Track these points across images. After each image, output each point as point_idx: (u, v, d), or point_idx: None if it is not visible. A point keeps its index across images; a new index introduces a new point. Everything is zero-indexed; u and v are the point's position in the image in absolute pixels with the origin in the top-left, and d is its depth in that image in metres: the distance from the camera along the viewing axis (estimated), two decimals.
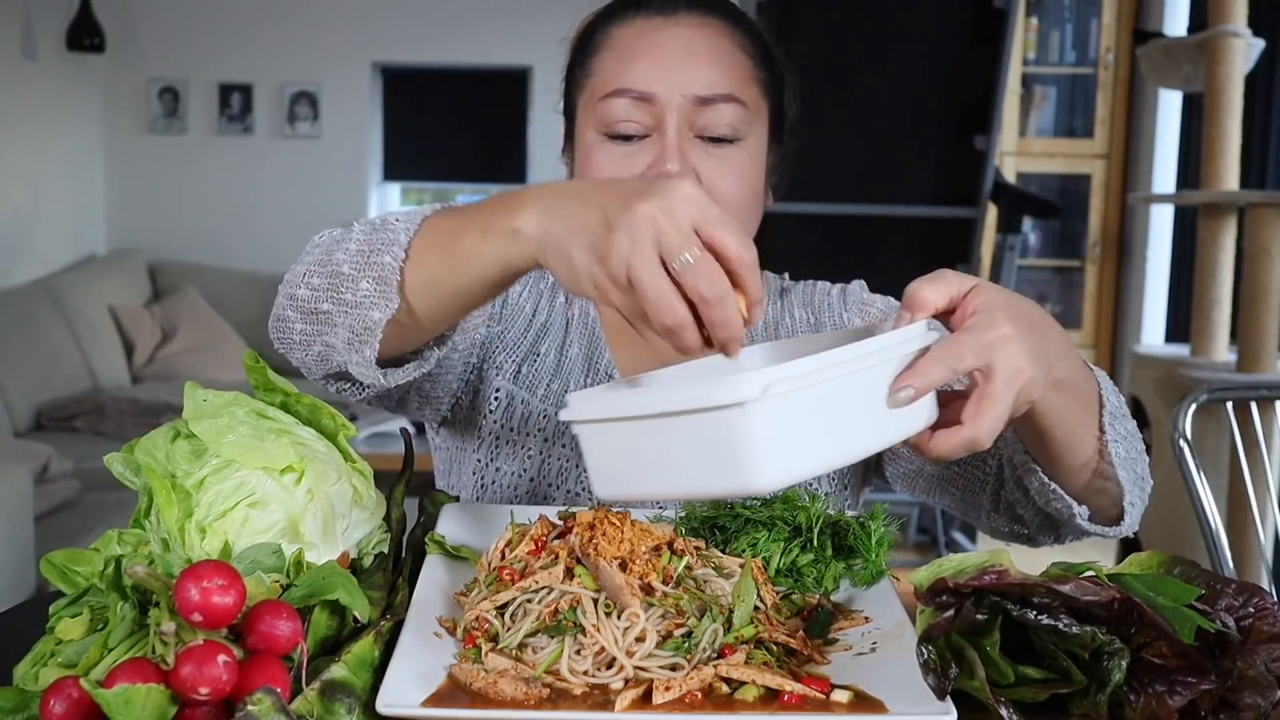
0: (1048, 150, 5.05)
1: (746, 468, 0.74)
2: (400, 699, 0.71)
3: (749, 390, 0.72)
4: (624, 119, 1.15)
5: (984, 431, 0.82)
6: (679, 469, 0.77)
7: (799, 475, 0.76)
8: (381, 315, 0.92)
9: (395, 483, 0.98)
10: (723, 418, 0.73)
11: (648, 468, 0.79)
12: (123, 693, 0.63)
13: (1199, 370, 3.42)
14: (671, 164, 1.13)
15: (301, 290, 0.98)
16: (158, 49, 5.66)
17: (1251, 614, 0.76)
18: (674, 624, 0.78)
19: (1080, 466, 1.00)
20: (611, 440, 0.81)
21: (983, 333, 0.82)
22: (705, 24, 1.18)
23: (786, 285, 1.36)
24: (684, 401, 0.75)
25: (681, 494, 0.80)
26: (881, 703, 0.73)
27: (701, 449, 0.75)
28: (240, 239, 5.70)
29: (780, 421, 0.73)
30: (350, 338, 0.95)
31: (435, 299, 0.93)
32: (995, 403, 0.82)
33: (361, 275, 0.93)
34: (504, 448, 1.24)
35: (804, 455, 0.76)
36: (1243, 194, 3.41)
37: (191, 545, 0.82)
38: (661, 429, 0.77)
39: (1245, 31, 3.46)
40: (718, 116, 1.15)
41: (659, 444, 0.78)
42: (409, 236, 0.93)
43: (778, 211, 1.22)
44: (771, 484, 0.75)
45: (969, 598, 0.74)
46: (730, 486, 0.76)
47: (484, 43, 5.62)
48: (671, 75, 1.15)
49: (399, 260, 0.92)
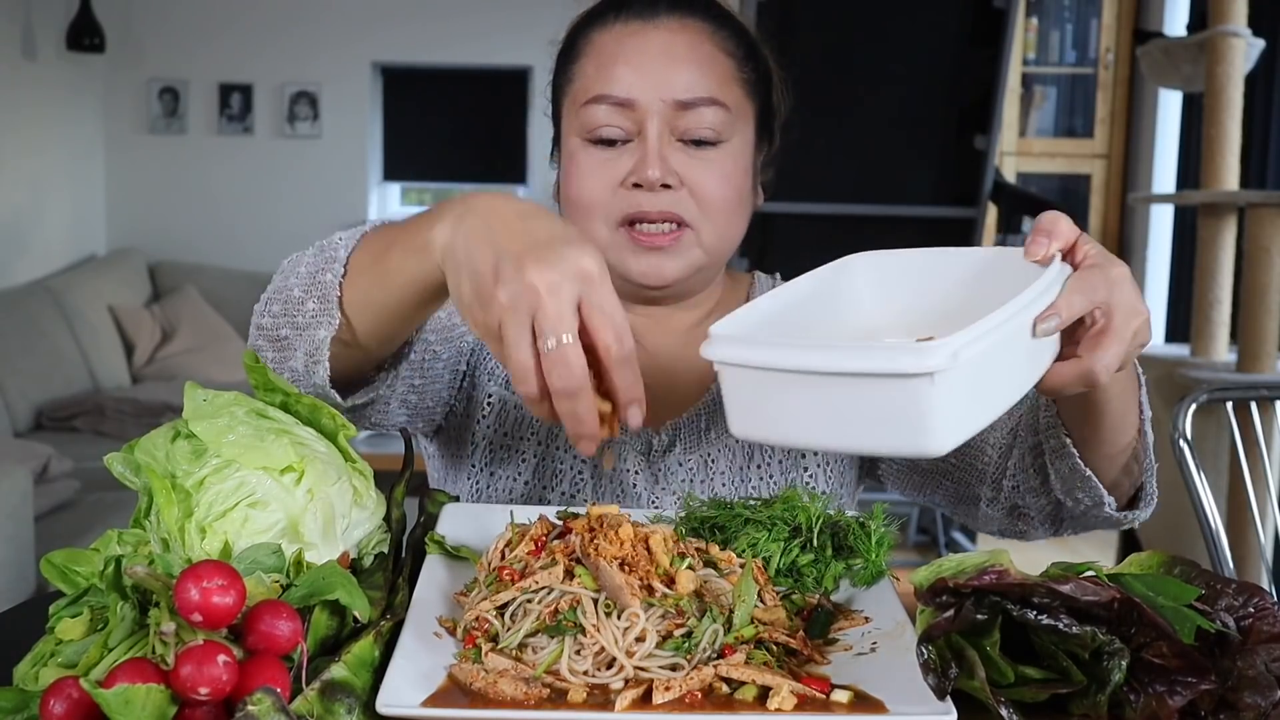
0: (1048, 150, 5.05)
1: (925, 432, 0.74)
2: (400, 699, 0.71)
3: (940, 359, 0.72)
4: (605, 124, 1.15)
5: (1101, 365, 0.83)
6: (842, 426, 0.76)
7: (970, 433, 0.77)
8: (326, 333, 0.93)
9: (395, 483, 0.98)
10: (908, 385, 0.73)
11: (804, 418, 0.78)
12: (123, 693, 0.63)
13: (1199, 370, 3.42)
14: (653, 169, 1.13)
15: (265, 319, 0.99)
16: (158, 49, 5.66)
17: (1251, 614, 0.76)
18: (674, 624, 0.78)
19: (1122, 449, 1.01)
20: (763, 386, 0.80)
21: (1107, 269, 0.84)
22: (685, 26, 1.18)
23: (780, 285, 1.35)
24: (865, 364, 0.74)
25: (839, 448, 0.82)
26: (881, 703, 0.73)
27: (875, 411, 0.75)
28: (240, 239, 5.70)
29: (963, 385, 0.74)
30: (306, 360, 0.95)
31: (369, 315, 0.93)
32: (1115, 338, 0.83)
33: (309, 296, 0.94)
34: (499, 453, 1.24)
35: (976, 413, 0.77)
36: (1243, 194, 3.41)
37: (191, 545, 0.82)
38: (830, 386, 0.76)
39: (1245, 31, 3.47)
40: (699, 119, 1.15)
41: (823, 399, 0.77)
42: (348, 253, 0.94)
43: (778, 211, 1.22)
44: (947, 445, 0.75)
45: (969, 598, 0.74)
46: (903, 448, 0.76)
47: (484, 43, 5.62)
48: (651, 80, 1.14)
49: (338, 277, 0.93)
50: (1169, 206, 4.79)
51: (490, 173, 5.97)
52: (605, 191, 1.16)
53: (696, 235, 1.17)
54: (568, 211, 1.20)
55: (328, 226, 5.67)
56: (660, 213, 1.15)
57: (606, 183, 1.16)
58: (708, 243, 1.18)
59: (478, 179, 6.04)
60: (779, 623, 0.82)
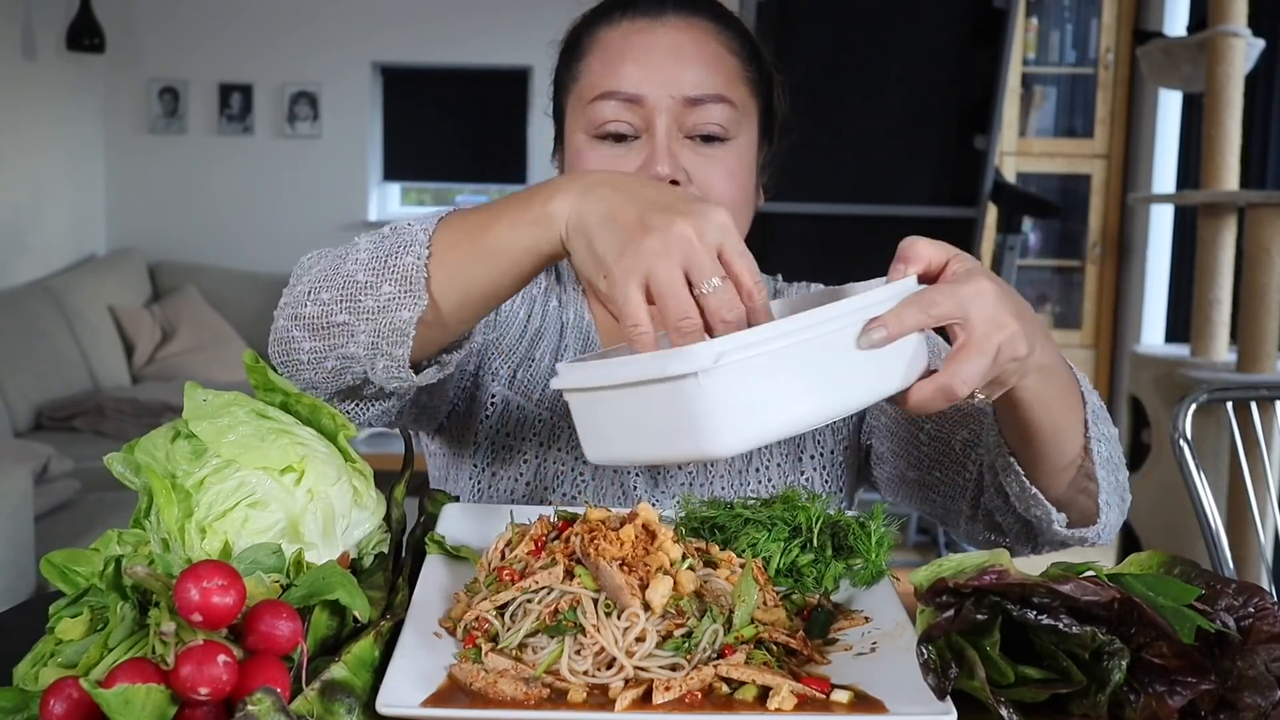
0: (1048, 150, 5.05)
1: (705, 435, 0.76)
2: (400, 699, 0.71)
3: (702, 360, 0.74)
4: (613, 120, 1.16)
5: (959, 380, 0.82)
6: (648, 435, 0.80)
7: (760, 439, 0.78)
8: (411, 314, 0.92)
9: (395, 483, 0.98)
10: (679, 387, 0.76)
11: (624, 433, 0.82)
12: (123, 693, 0.63)
13: (1199, 370, 3.43)
14: (662, 166, 1.14)
15: (308, 308, 0.97)
16: (158, 49, 5.66)
17: (1251, 614, 0.76)
18: (674, 624, 0.78)
19: (1065, 467, 1.00)
20: (593, 406, 0.85)
21: (960, 286, 0.84)
22: (692, 25, 1.18)
23: (780, 287, 1.36)
24: (643, 372, 0.78)
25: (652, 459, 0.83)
26: (881, 703, 0.73)
27: (663, 417, 0.78)
28: (240, 239, 5.70)
29: (737, 388, 0.76)
30: (375, 342, 0.94)
31: (462, 293, 0.93)
32: (974, 352, 0.82)
33: (382, 280, 0.93)
34: (500, 453, 1.24)
35: (765, 419, 0.78)
36: (1243, 194, 3.41)
37: (191, 545, 0.82)
38: (631, 397, 0.80)
39: (1245, 31, 3.47)
40: (706, 116, 1.16)
41: (630, 411, 0.81)
42: (428, 235, 0.93)
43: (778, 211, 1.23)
44: (729, 449, 0.77)
45: (969, 598, 0.74)
46: (691, 453, 0.78)
47: (484, 43, 5.62)
48: (659, 77, 1.15)
49: (423, 258, 0.92)
50: (1169, 206, 4.79)
51: (490, 173, 5.98)
52: None
53: None
54: None
55: (328, 226, 5.70)
56: None
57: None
58: None
59: (478, 179, 6.04)
60: (779, 623, 0.82)
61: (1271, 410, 2.51)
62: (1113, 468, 1.03)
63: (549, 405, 1.24)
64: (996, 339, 0.83)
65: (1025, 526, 1.10)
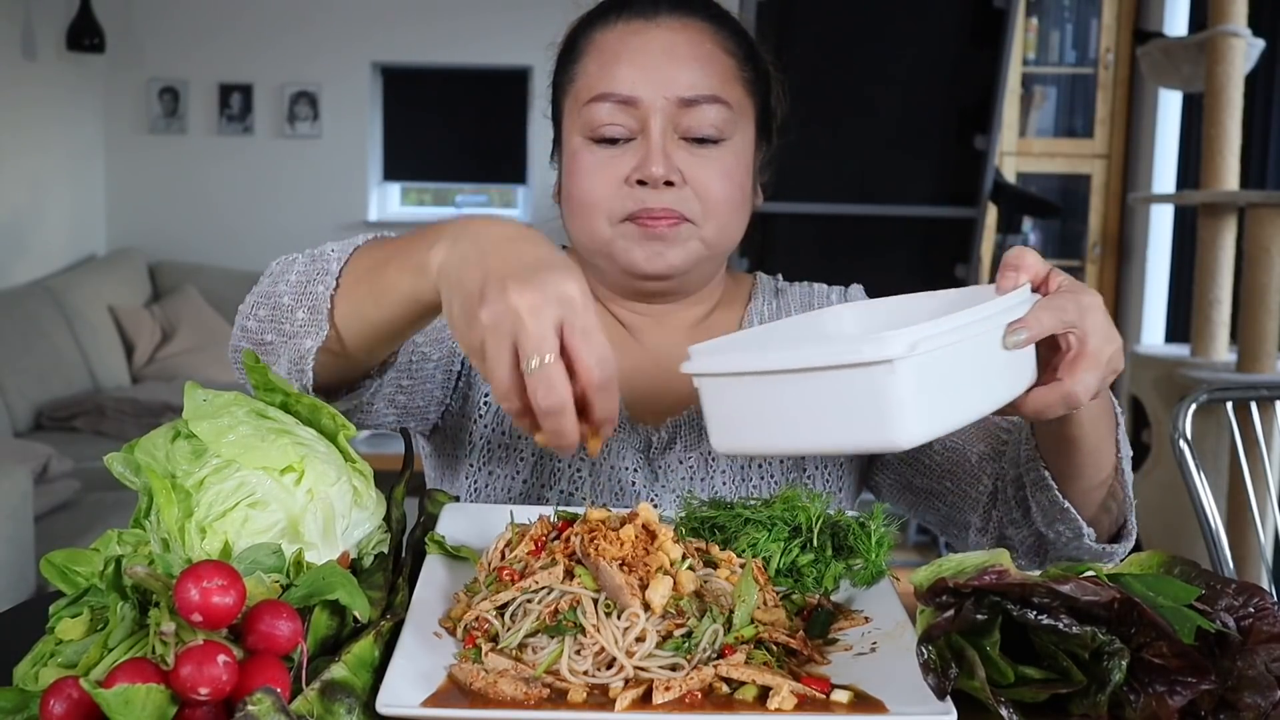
0: (1048, 150, 5.04)
1: (890, 423, 0.76)
2: (400, 699, 0.71)
3: (898, 347, 0.74)
4: (608, 123, 1.16)
5: (1081, 387, 0.85)
6: (814, 424, 0.79)
7: (938, 431, 0.79)
8: (313, 343, 0.95)
9: (395, 483, 0.98)
10: (869, 374, 0.75)
11: (778, 422, 0.81)
12: (123, 693, 0.63)
13: (1199, 370, 3.43)
14: (657, 166, 1.14)
15: (250, 322, 1.01)
16: (158, 49, 5.66)
17: (1251, 614, 0.76)
18: (674, 624, 0.78)
19: (1099, 483, 1.03)
20: (739, 394, 0.83)
21: (1079, 295, 0.86)
22: (687, 25, 1.18)
23: (781, 286, 1.35)
24: (828, 357, 0.77)
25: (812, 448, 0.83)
26: (881, 703, 0.73)
27: (842, 405, 0.77)
28: (240, 239, 5.70)
29: (924, 378, 0.76)
30: (290, 367, 0.97)
31: (360, 328, 0.95)
32: (1092, 361, 0.86)
33: (299, 305, 0.96)
34: (496, 452, 1.24)
35: (943, 411, 0.79)
36: (1243, 194, 3.41)
37: (191, 545, 0.82)
38: (799, 384, 0.79)
39: (1245, 31, 3.47)
40: (702, 117, 1.16)
41: (794, 399, 0.80)
42: (340, 266, 0.95)
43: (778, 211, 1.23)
44: (914, 438, 0.77)
45: (969, 598, 0.74)
46: (871, 442, 0.79)
47: (484, 43, 5.62)
48: (654, 78, 1.15)
49: (330, 289, 0.95)
50: (1169, 206, 4.79)
51: (490, 173, 5.98)
52: (609, 189, 1.17)
53: (697, 230, 1.18)
54: (571, 210, 1.20)
55: (328, 226, 5.69)
56: (664, 209, 1.16)
57: (610, 180, 1.16)
58: (709, 238, 1.19)
59: (478, 179, 6.04)
60: (779, 623, 0.82)
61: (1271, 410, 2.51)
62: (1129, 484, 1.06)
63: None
64: (1109, 350, 0.86)
65: (1038, 542, 1.10)
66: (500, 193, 6.14)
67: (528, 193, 5.97)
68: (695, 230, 1.18)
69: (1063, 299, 0.86)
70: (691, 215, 1.17)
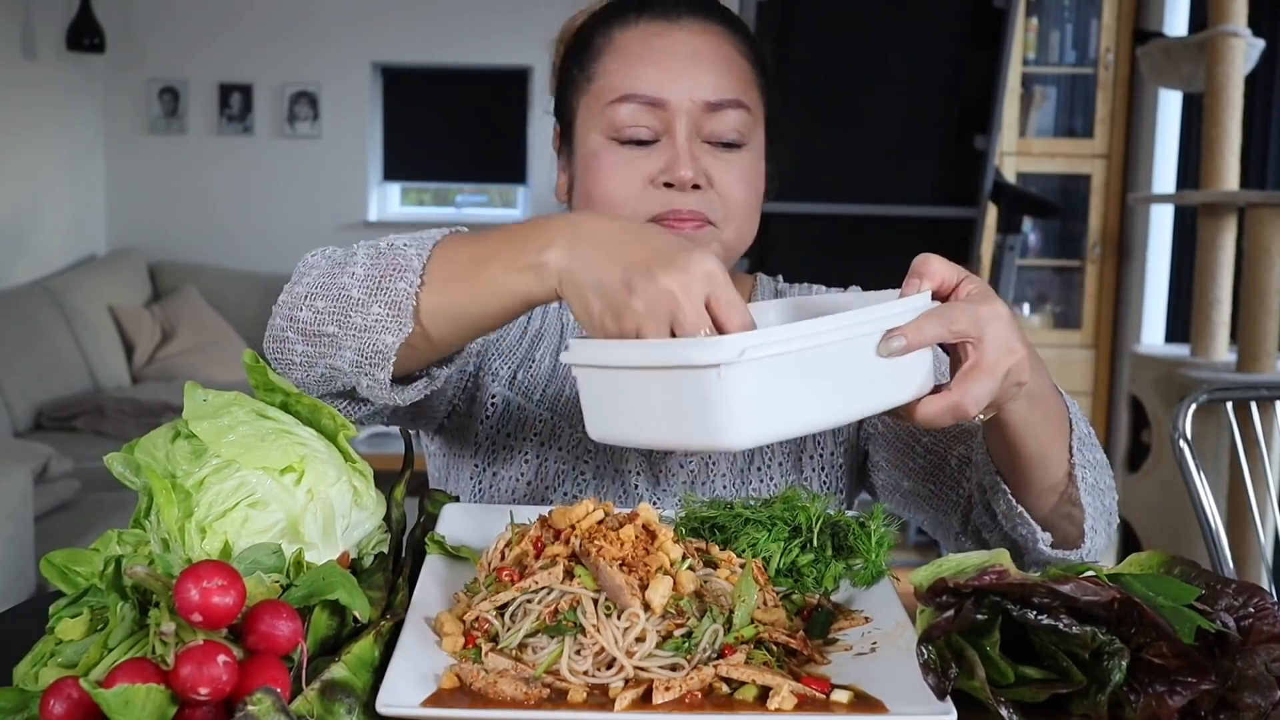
0: (1048, 150, 5.04)
1: (719, 426, 0.77)
2: (400, 699, 0.71)
3: (726, 353, 0.75)
4: (634, 124, 1.15)
5: (970, 399, 0.84)
6: (658, 419, 0.81)
7: (772, 436, 0.80)
8: (395, 339, 0.93)
9: (395, 483, 0.98)
10: (699, 377, 0.77)
11: (632, 414, 0.83)
12: (123, 693, 0.63)
13: (1199, 370, 3.43)
14: (686, 170, 1.13)
15: (304, 312, 0.98)
16: (158, 49, 5.66)
17: (1251, 614, 0.76)
18: (674, 624, 0.78)
19: (1049, 489, 1.01)
20: (602, 385, 0.86)
21: (979, 305, 0.85)
22: (707, 29, 1.18)
23: (781, 287, 1.35)
24: (665, 357, 0.79)
25: (658, 443, 0.84)
26: (881, 703, 0.73)
27: (679, 403, 0.79)
28: (240, 239, 5.70)
29: (757, 384, 0.77)
30: (359, 360, 0.95)
31: (452, 324, 0.95)
32: (985, 374, 0.85)
33: (373, 300, 0.94)
34: (500, 453, 1.24)
35: (780, 417, 0.79)
36: (1243, 194, 3.41)
37: (191, 545, 0.82)
38: (646, 380, 0.81)
39: (1245, 31, 3.47)
40: (725, 122, 1.16)
41: (643, 393, 0.82)
42: (422, 262, 0.94)
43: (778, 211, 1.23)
44: (741, 443, 0.78)
45: (969, 598, 0.74)
46: (702, 442, 0.80)
47: (484, 43, 5.62)
48: (680, 80, 1.15)
49: (414, 286, 0.93)
50: (1169, 206, 4.79)
51: (490, 173, 5.98)
52: (634, 190, 1.16)
53: (719, 233, 1.18)
54: (592, 209, 1.19)
55: (328, 226, 5.69)
56: (690, 212, 1.15)
57: (634, 181, 1.16)
58: (728, 240, 1.19)
59: (478, 179, 6.04)
60: (779, 623, 0.82)
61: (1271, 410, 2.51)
62: (1099, 493, 1.04)
63: (549, 405, 1.24)
64: (1007, 363, 0.85)
65: (1011, 545, 1.10)
66: (500, 193, 6.14)
67: (528, 193, 5.97)
68: (716, 233, 1.18)
69: (956, 309, 0.84)
70: (714, 218, 1.17)
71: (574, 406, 1.23)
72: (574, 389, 1.25)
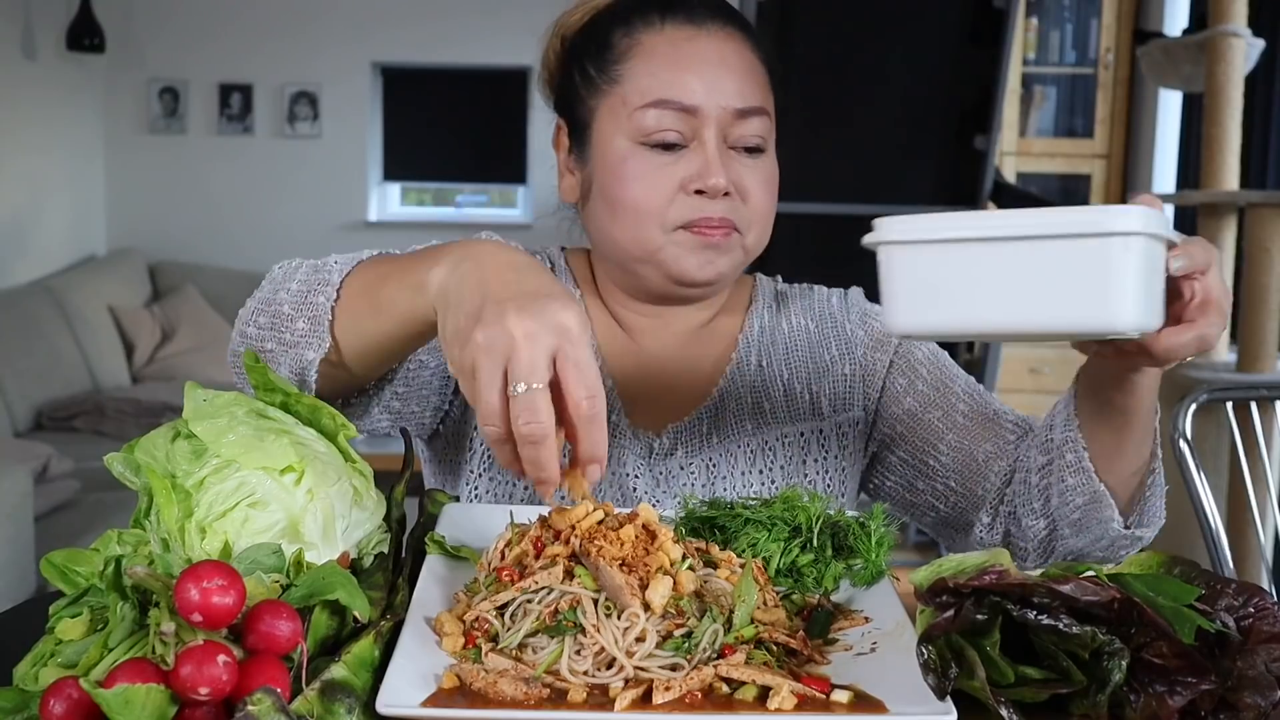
0: (1048, 150, 5.04)
1: (1114, 301, 0.73)
2: (400, 699, 0.71)
3: (1136, 221, 0.72)
4: (666, 129, 1.15)
5: (1213, 330, 0.85)
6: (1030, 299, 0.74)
7: (1145, 325, 0.77)
8: (315, 354, 0.96)
9: (395, 483, 0.98)
10: (1105, 246, 0.72)
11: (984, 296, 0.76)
12: (123, 693, 0.63)
13: (1199, 370, 3.42)
14: (717, 177, 1.13)
15: (250, 328, 1.02)
16: (158, 49, 5.66)
17: (1251, 614, 0.76)
18: (674, 624, 0.78)
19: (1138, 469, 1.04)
20: (936, 264, 0.77)
21: (1205, 244, 0.86)
22: (730, 35, 1.18)
23: (782, 289, 1.35)
24: (1060, 225, 0.72)
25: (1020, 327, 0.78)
26: (881, 703, 0.73)
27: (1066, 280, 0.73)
28: (240, 239, 5.70)
29: (1145, 263, 0.74)
30: (291, 377, 0.98)
31: (359, 343, 0.96)
32: (1217, 309, 0.85)
33: (299, 314, 0.97)
34: (495, 458, 1.24)
35: (1149, 306, 0.77)
36: (1243, 194, 3.41)
37: (191, 545, 0.82)
38: (1018, 254, 0.74)
39: (1245, 31, 3.46)
40: (750, 129, 1.16)
41: (1009, 271, 0.74)
42: (341, 277, 0.97)
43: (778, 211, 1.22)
44: (1131, 324, 0.74)
45: (969, 598, 0.74)
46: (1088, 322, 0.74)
47: (484, 43, 5.61)
48: (712, 87, 1.15)
49: (330, 300, 0.96)
50: (1169, 206, 4.79)
51: (490, 173, 5.97)
52: (665, 196, 1.15)
53: (742, 239, 1.19)
54: (616, 213, 1.17)
55: (328, 226, 5.69)
56: (721, 219, 1.15)
57: (666, 187, 1.15)
58: (750, 246, 1.20)
59: (478, 179, 6.04)
60: (779, 623, 0.82)
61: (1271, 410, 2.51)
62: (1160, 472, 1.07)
63: None
64: (1226, 305, 0.86)
65: (1049, 534, 1.11)
66: (500, 193, 6.14)
67: (528, 192, 5.97)
68: (740, 239, 1.18)
69: (1196, 244, 0.85)
70: (740, 225, 1.17)
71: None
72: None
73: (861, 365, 1.28)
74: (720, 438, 1.23)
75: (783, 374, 1.27)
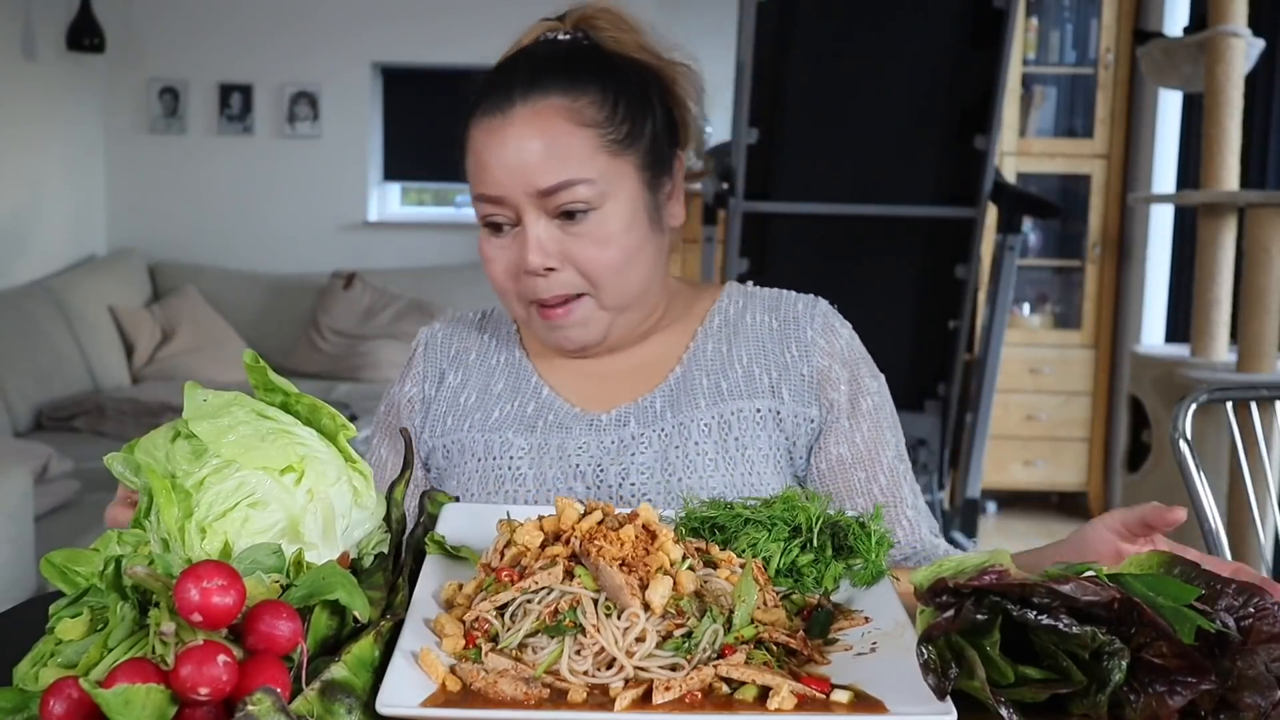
0: (1048, 150, 5.04)
1: None
2: (400, 699, 0.71)
3: None
4: (490, 215, 1.22)
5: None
6: None
7: None
8: None
9: (395, 483, 0.98)
10: None
11: None
12: (123, 693, 0.63)
13: (1199, 370, 3.42)
14: (533, 258, 1.19)
15: None
16: (158, 49, 5.66)
17: (1251, 614, 0.76)
18: (674, 624, 0.78)
19: None
20: None
21: None
22: (539, 111, 1.20)
23: (751, 290, 1.35)
24: None
25: None
26: (881, 703, 0.73)
27: None
28: (240, 239, 5.70)
29: None
30: None
31: None
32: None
33: None
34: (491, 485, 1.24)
35: None
36: (1243, 194, 3.41)
37: (191, 545, 0.82)
38: None
39: (1245, 31, 3.46)
40: (566, 199, 1.19)
41: None
42: None
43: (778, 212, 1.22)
44: None
45: (969, 598, 0.74)
46: None
47: (484, 43, 5.58)
48: (515, 175, 1.18)
49: None
50: (1169, 206, 4.79)
51: None
52: (509, 277, 1.23)
53: (595, 300, 1.22)
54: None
55: (328, 226, 5.70)
56: (554, 297, 1.21)
57: (508, 270, 1.23)
58: (609, 302, 1.23)
59: None
60: (779, 623, 0.82)
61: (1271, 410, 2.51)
62: None
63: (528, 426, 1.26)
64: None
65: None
66: None
67: None
68: (591, 301, 1.22)
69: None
70: (583, 290, 1.21)
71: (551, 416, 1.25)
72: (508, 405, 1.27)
73: (819, 372, 1.26)
74: (674, 413, 1.24)
75: (742, 358, 1.28)
